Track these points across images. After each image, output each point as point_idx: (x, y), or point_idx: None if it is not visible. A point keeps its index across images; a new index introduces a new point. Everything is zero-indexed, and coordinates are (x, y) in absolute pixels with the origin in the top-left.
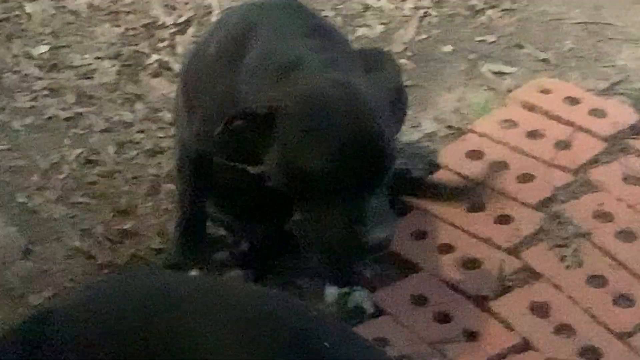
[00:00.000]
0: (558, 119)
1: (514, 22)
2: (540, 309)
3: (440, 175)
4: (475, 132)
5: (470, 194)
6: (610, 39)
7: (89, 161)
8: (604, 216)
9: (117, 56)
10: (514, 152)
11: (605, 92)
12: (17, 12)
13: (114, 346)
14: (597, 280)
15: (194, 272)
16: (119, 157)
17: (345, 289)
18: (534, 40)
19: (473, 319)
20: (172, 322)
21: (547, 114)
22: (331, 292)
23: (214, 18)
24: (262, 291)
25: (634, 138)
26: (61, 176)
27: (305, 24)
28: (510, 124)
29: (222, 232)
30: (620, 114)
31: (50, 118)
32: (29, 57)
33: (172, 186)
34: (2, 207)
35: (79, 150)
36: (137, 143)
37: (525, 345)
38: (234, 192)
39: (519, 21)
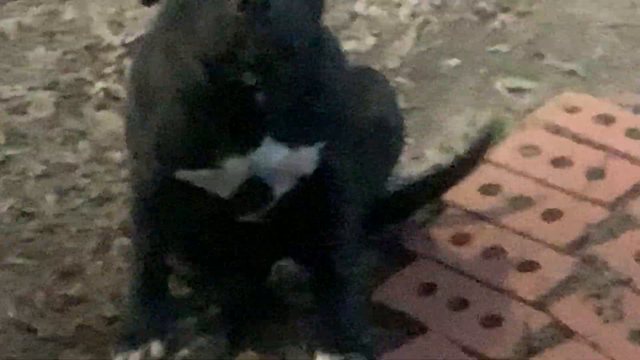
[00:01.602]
0: (589, 142)
1: (533, 28)
2: None
3: (449, 214)
4: (490, 162)
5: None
6: None
7: (25, 214)
8: None
9: (54, 86)
10: (537, 185)
11: None
12: None
13: None
14: None
15: (154, 345)
16: (61, 208)
17: (341, 358)
18: (557, 48)
19: None
20: None
21: (575, 137)
22: None
23: None
24: None
25: None
26: None
27: None
28: (532, 150)
29: (187, 291)
30: None
31: None
32: None
33: (125, 240)
34: None
35: (11, 201)
36: (82, 190)
37: None
38: (203, 235)
39: (539, 26)
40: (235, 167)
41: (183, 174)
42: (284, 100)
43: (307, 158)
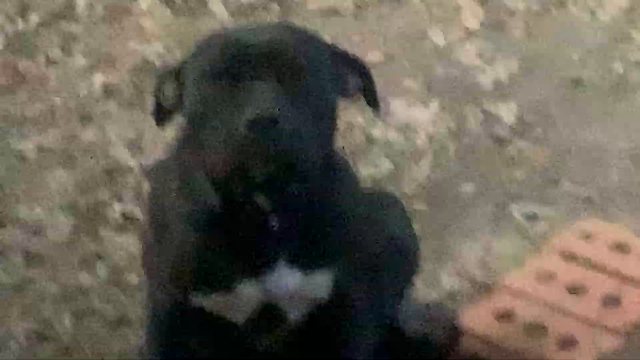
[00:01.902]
0: (605, 269)
1: (548, 154)
2: None
3: (464, 339)
4: (506, 288)
5: None
6: None
7: (41, 336)
8: None
9: (72, 208)
10: (552, 312)
11: None
12: None
13: None
14: None
15: None
16: (77, 330)
17: None
18: (572, 174)
19: None
20: None
21: (591, 264)
22: None
23: None
24: None
25: None
26: (7, 355)
27: None
28: (547, 277)
29: None
30: None
31: None
32: None
33: None
34: None
35: (28, 323)
36: (99, 312)
37: None
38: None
39: (555, 153)
40: (248, 292)
41: (197, 299)
42: (297, 223)
43: (321, 283)
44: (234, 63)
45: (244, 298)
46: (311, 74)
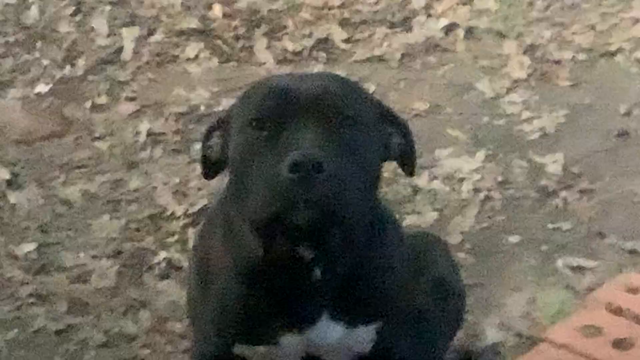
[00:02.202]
0: None
1: (594, 206)
2: None
3: None
4: (551, 342)
5: None
6: None
7: None
8: None
9: (117, 254)
10: None
11: None
12: None
13: None
14: None
15: None
16: None
17: None
18: (618, 227)
19: None
20: None
21: (637, 319)
22: None
23: None
24: None
25: None
26: None
27: None
28: (593, 330)
29: None
30: None
31: (37, 331)
32: (13, 257)
33: None
34: None
35: None
36: None
37: None
38: None
39: (600, 204)
40: (291, 345)
41: (241, 349)
42: (341, 276)
43: (364, 337)
44: (278, 109)
45: (287, 350)
46: (357, 123)
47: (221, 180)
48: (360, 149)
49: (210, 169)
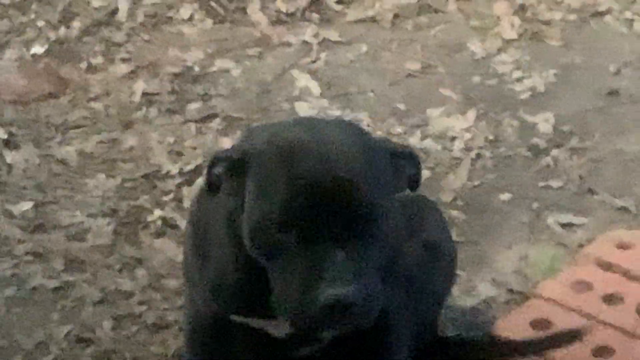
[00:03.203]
0: None
1: (585, 164)
2: None
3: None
4: (541, 297)
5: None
6: None
7: (81, 339)
8: None
9: (113, 213)
10: (588, 321)
11: None
12: None
13: None
14: None
15: None
16: (117, 334)
17: None
18: (609, 185)
19: None
20: None
21: (626, 274)
22: None
23: None
24: None
25: None
26: (48, 358)
27: None
28: (583, 286)
29: None
30: None
31: (34, 288)
32: (10, 216)
33: None
34: None
35: (68, 327)
36: (138, 317)
37: None
38: None
39: (591, 162)
40: None
41: (239, 318)
42: None
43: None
44: (306, 217)
45: (283, 322)
46: (381, 217)
47: (215, 141)
48: (388, 224)
49: (213, 187)
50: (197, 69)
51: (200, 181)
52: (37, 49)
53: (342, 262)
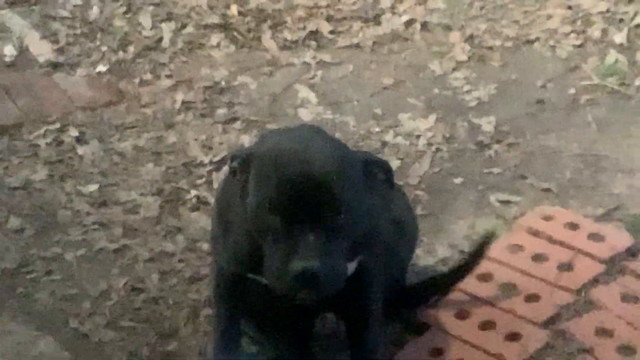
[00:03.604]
0: (560, 243)
1: (518, 156)
2: None
3: (454, 296)
4: (485, 257)
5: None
6: (605, 169)
7: (135, 288)
8: (604, 333)
9: (159, 192)
10: (521, 275)
11: (603, 218)
12: (69, 155)
13: None
14: None
15: None
16: (162, 285)
17: None
18: (536, 171)
19: None
20: None
21: (550, 239)
22: None
23: None
24: None
25: (630, 260)
26: (110, 303)
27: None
28: (517, 248)
29: (255, 349)
30: (616, 238)
31: (99, 250)
32: (81, 194)
33: (210, 311)
34: (56, 332)
35: (125, 279)
36: (179, 271)
37: None
38: (264, 310)
39: (522, 154)
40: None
41: (252, 275)
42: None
43: (351, 267)
44: (286, 205)
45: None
46: (350, 200)
47: (237, 138)
48: (351, 226)
49: (235, 175)
50: (223, 83)
51: (225, 169)
52: (101, 68)
53: (312, 242)
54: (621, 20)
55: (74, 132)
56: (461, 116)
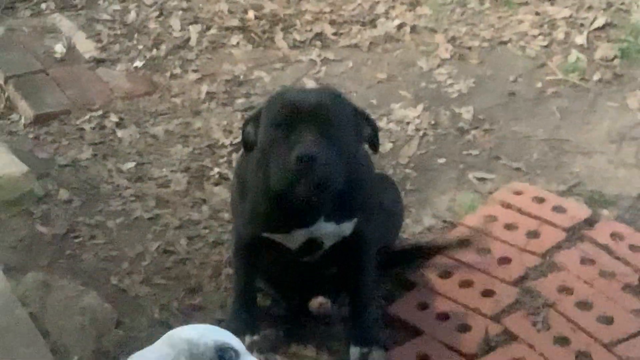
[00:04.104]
0: (528, 214)
1: (493, 139)
2: None
3: (436, 259)
4: (465, 225)
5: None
6: (567, 152)
7: (166, 251)
8: (566, 290)
9: (187, 170)
10: (495, 241)
11: (565, 193)
12: (110, 137)
13: None
14: (562, 341)
15: (247, 337)
16: (189, 248)
17: (366, 349)
18: (508, 153)
19: None
20: None
21: (520, 211)
22: (354, 351)
23: None
24: None
25: (588, 229)
26: (145, 263)
27: None
28: (492, 218)
29: (269, 303)
30: (577, 210)
31: (136, 218)
32: (120, 171)
33: (230, 270)
34: (99, 287)
35: (158, 243)
36: (204, 237)
37: None
38: (277, 270)
39: (497, 138)
40: (299, 234)
41: (266, 234)
42: (331, 198)
43: (347, 227)
44: (289, 118)
45: (296, 237)
46: (340, 125)
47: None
48: (341, 142)
49: (248, 146)
50: (241, 77)
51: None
52: (138, 63)
53: (310, 139)
54: (582, 24)
55: (114, 118)
56: (444, 106)
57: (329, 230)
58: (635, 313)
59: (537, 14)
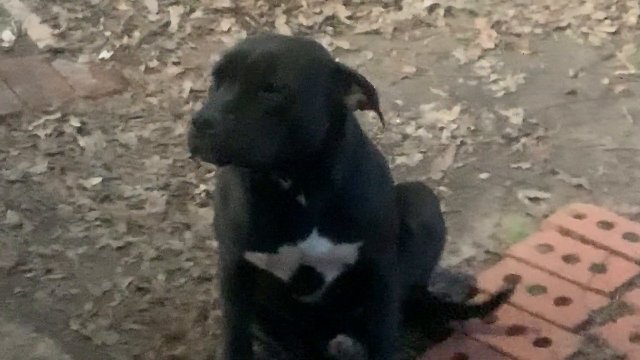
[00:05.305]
0: (593, 243)
1: (548, 149)
2: None
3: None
4: (513, 257)
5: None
6: None
7: (140, 289)
8: None
9: (166, 187)
10: (550, 276)
11: (638, 217)
12: (71, 146)
13: None
14: None
15: None
16: (169, 285)
17: None
18: (567, 166)
19: None
20: None
21: (582, 239)
22: None
23: None
24: None
25: None
26: (113, 303)
27: None
28: (547, 248)
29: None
30: None
31: (102, 247)
32: (82, 188)
33: (219, 312)
34: (57, 334)
35: (130, 278)
36: (186, 271)
37: None
38: (273, 311)
39: (553, 148)
40: (288, 254)
41: (249, 256)
42: (324, 201)
43: (348, 252)
44: (221, 70)
45: (284, 258)
46: (280, 89)
47: None
48: (290, 108)
49: None
50: None
51: None
52: (105, 54)
53: (220, 97)
54: None
55: (75, 122)
56: (487, 107)
57: (324, 251)
58: None
59: None
